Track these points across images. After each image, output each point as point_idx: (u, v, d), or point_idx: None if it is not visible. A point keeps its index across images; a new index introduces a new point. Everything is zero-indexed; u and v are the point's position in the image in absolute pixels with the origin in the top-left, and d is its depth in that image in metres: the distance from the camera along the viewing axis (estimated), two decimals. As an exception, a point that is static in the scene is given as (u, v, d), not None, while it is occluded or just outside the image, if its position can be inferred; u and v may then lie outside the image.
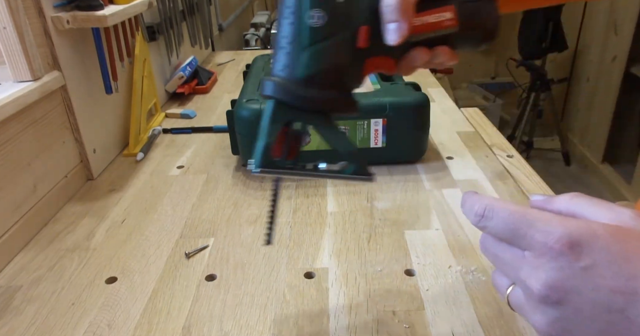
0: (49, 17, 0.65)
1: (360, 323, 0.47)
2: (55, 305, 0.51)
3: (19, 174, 0.61)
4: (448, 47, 0.39)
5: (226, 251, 0.58)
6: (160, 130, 0.93)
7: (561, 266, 0.25)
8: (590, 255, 0.24)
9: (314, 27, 0.36)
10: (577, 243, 0.25)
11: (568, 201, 0.29)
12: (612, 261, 0.24)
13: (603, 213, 0.27)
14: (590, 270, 0.24)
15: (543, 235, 0.26)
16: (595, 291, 0.24)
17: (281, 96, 0.37)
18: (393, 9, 0.35)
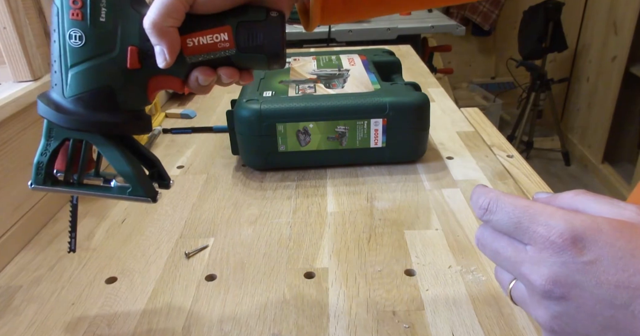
0: (49, 17, 0.65)
1: (360, 323, 0.47)
2: (55, 305, 0.51)
3: (19, 174, 0.61)
4: (234, 68, 0.38)
5: (226, 251, 0.58)
6: (160, 130, 0.93)
7: (564, 261, 0.25)
8: (593, 250, 0.24)
9: (73, 48, 0.36)
10: (580, 237, 0.24)
11: (572, 197, 0.28)
12: (617, 256, 0.24)
13: (606, 209, 0.27)
14: (593, 265, 0.24)
15: (546, 229, 0.25)
16: (598, 286, 0.24)
17: (48, 116, 0.38)
18: (150, 31, 0.34)
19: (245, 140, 0.74)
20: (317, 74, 0.86)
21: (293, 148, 0.74)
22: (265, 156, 0.75)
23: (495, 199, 0.28)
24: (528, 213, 0.26)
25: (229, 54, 0.37)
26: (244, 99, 0.74)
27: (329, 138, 0.74)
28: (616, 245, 0.24)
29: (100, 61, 0.36)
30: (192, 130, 0.94)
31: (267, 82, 0.83)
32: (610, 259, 0.24)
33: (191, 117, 1.01)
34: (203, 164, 0.81)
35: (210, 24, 0.36)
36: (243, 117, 0.72)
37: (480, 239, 0.30)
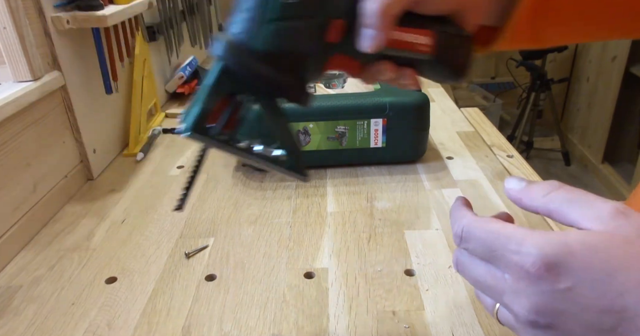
0: (49, 17, 0.65)
1: (360, 323, 0.47)
2: (55, 305, 0.51)
3: (19, 174, 0.61)
4: (415, 72, 0.37)
5: (226, 251, 0.58)
6: (160, 130, 0.93)
7: (542, 291, 0.24)
8: (569, 276, 0.23)
9: (286, 2, 0.33)
10: (553, 264, 0.24)
11: (544, 198, 0.28)
12: (594, 279, 0.23)
13: (582, 212, 0.26)
14: (572, 291, 0.23)
15: (519, 258, 0.25)
16: (583, 311, 0.23)
17: (233, 62, 0.33)
18: (373, 14, 0.33)
19: (245, 140, 0.74)
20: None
21: (293, 148, 0.74)
22: (265, 156, 0.75)
23: (467, 227, 0.28)
24: (500, 241, 0.26)
25: (422, 58, 0.37)
26: (244, 99, 0.74)
27: (329, 138, 0.74)
28: (591, 268, 0.23)
29: (305, 23, 0.34)
30: (192, 130, 0.93)
31: (267, 82, 0.83)
32: (588, 284, 0.23)
33: (191, 117, 1.00)
34: (203, 164, 0.81)
35: (417, 24, 0.36)
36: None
37: (458, 265, 0.29)
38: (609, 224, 0.24)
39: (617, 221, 0.24)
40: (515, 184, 0.29)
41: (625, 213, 0.24)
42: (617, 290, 0.23)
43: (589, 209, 0.25)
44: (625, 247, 0.23)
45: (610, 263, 0.23)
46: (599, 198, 0.26)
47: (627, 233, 0.24)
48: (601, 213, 0.25)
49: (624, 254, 0.23)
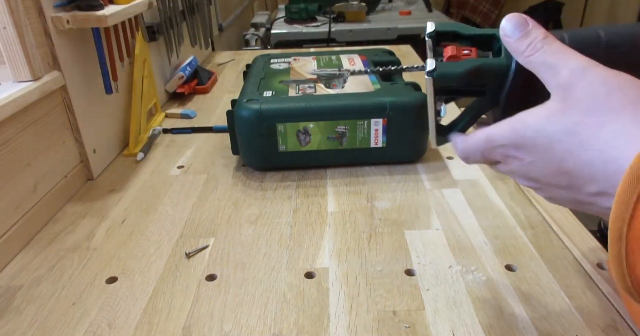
0: (49, 17, 0.65)
1: (360, 323, 0.47)
2: (55, 305, 0.51)
3: (19, 174, 0.61)
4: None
5: (226, 251, 0.58)
6: (160, 130, 0.93)
7: (518, 167, 0.34)
8: (528, 154, 0.32)
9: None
10: (517, 146, 0.32)
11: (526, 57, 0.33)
12: (544, 152, 0.31)
13: (549, 76, 0.31)
14: (534, 163, 0.32)
15: (497, 152, 0.34)
16: (546, 176, 0.32)
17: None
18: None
19: (246, 140, 0.74)
20: (317, 74, 0.85)
21: (293, 148, 0.74)
22: (265, 156, 0.75)
23: (464, 150, 0.37)
24: (485, 146, 0.35)
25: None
26: (244, 99, 0.74)
27: (329, 138, 0.74)
28: (538, 145, 0.31)
29: None
30: (192, 130, 0.94)
31: (267, 82, 0.83)
32: (541, 156, 0.32)
33: (191, 117, 1.01)
34: (203, 164, 0.81)
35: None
36: (243, 117, 0.72)
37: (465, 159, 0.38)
38: (559, 93, 0.31)
39: (568, 91, 0.30)
40: (510, 32, 0.34)
41: (577, 78, 0.30)
42: (558, 157, 0.30)
43: (554, 75, 0.31)
44: (560, 120, 0.30)
45: (547, 137, 0.30)
46: (566, 57, 0.31)
47: (568, 103, 0.30)
48: (559, 80, 0.31)
49: (558, 127, 0.30)
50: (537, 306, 0.48)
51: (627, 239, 0.26)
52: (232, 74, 1.31)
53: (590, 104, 0.29)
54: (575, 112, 0.29)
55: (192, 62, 1.17)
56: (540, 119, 0.31)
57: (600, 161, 0.28)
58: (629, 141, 0.27)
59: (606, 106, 0.29)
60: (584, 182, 0.30)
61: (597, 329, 0.45)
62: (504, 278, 0.52)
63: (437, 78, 0.37)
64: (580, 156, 0.29)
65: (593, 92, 0.29)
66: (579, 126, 0.29)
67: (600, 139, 0.28)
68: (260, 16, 2.57)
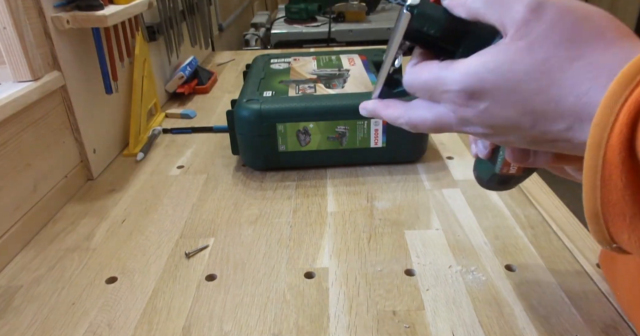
0: (49, 17, 0.65)
1: (360, 323, 0.47)
2: (55, 305, 0.51)
3: (19, 174, 0.61)
4: None
5: (226, 251, 0.58)
6: (160, 130, 0.93)
7: (471, 114, 0.31)
8: (484, 99, 0.29)
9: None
10: (471, 93, 0.29)
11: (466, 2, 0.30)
12: (504, 95, 0.29)
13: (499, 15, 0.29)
14: (490, 108, 0.30)
15: (448, 96, 0.31)
16: (506, 120, 0.30)
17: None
18: None
19: (245, 140, 0.74)
20: (317, 74, 0.86)
21: (293, 148, 0.74)
22: (265, 156, 0.75)
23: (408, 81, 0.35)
24: (433, 85, 0.32)
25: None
26: (244, 99, 0.74)
27: (329, 138, 0.74)
28: (499, 88, 0.28)
29: None
30: (192, 130, 0.94)
31: (267, 82, 0.83)
32: (501, 99, 0.29)
33: (191, 117, 1.01)
34: (203, 164, 0.81)
35: None
36: (243, 117, 0.72)
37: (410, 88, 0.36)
38: (520, 29, 0.28)
39: (528, 25, 0.27)
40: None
41: (536, 12, 0.27)
42: (523, 98, 0.28)
43: (505, 12, 0.28)
44: (527, 58, 0.27)
45: (513, 79, 0.28)
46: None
47: (532, 39, 0.27)
48: (515, 15, 0.28)
49: (525, 67, 0.27)
50: (537, 306, 0.48)
51: (606, 147, 0.25)
52: (232, 74, 1.31)
53: (559, 38, 0.27)
54: (543, 48, 0.27)
55: (192, 62, 1.17)
56: (505, 60, 0.28)
57: (572, 96, 0.27)
58: (601, 72, 0.26)
59: (576, 38, 0.27)
60: (552, 119, 0.28)
61: (597, 329, 0.45)
62: (504, 278, 0.52)
63: (417, 17, 0.31)
64: (549, 93, 0.27)
65: (559, 25, 0.27)
66: (550, 62, 0.27)
67: (572, 74, 0.27)
68: (260, 16, 2.57)
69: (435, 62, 0.32)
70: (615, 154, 0.24)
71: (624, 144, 0.24)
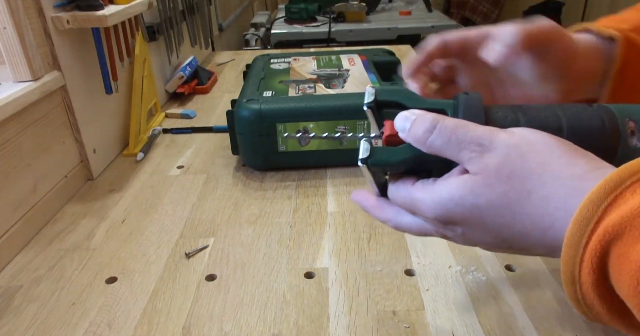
0: (49, 17, 0.65)
1: (360, 323, 0.47)
2: (55, 305, 0.51)
3: (19, 174, 0.61)
4: None
5: (226, 251, 0.58)
6: (160, 130, 0.93)
7: (450, 234, 0.33)
8: (458, 225, 0.31)
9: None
10: (444, 220, 0.31)
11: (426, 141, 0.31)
12: (475, 225, 0.30)
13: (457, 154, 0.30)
14: (467, 234, 0.31)
15: (425, 218, 0.33)
16: (483, 243, 0.32)
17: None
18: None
19: (245, 140, 0.74)
20: (317, 74, 0.86)
21: (293, 148, 0.74)
22: (265, 156, 0.75)
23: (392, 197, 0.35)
24: (412, 205, 0.33)
25: None
26: (244, 99, 0.74)
27: (329, 138, 0.74)
28: (468, 218, 0.30)
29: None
30: (192, 130, 0.94)
31: (267, 82, 0.83)
32: (473, 228, 0.31)
33: (191, 117, 1.01)
34: (203, 164, 0.81)
35: None
36: (243, 117, 0.72)
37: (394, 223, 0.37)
38: (475, 165, 0.29)
39: (481, 161, 0.29)
40: (400, 128, 0.33)
41: (487, 149, 0.29)
42: (492, 231, 0.30)
43: (461, 152, 0.30)
44: (486, 193, 0.29)
45: (479, 212, 0.29)
46: (467, 131, 0.30)
47: (488, 173, 0.29)
48: (469, 155, 0.30)
49: (486, 201, 0.29)
50: (537, 306, 0.48)
51: (580, 283, 0.26)
52: (232, 74, 1.31)
53: (509, 173, 0.28)
54: (497, 183, 0.28)
55: (192, 62, 1.17)
56: (468, 193, 0.29)
57: (537, 231, 0.28)
58: (558, 206, 0.27)
59: (525, 171, 0.28)
60: (527, 247, 0.30)
61: (597, 329, 0.45)
62: (504, 278, 0.52)
63: (372, 165, 0.33)
64: (514, 228, 0.28)
65: (508, 159, 0.28)
66: (506, 197, 0.28)
67: (530, 209, 0.28)
68: (260, 16, 2.57)
69: (409, 182, 0.33)
70: (590, 291, 0.25)
71: (595, 283, 0.25)
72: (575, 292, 0.26)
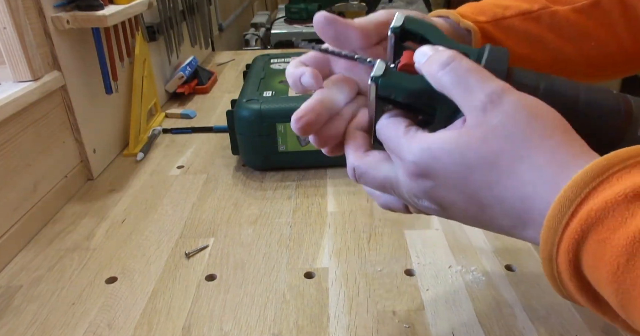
0: (49, 17, 0.65)
1: (360, 323, 0.47)
2: (55, 305, 0.51)
3: (19, 174, 0.61)
4: None
5: (226, 251, 0.58)
6: (160, 130, 0.93)
7: (422, 187, 0.31)
8: (432, 178, 0.29)
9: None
10: (422, 171, 0.29)
11: (437, 73, 0.30)
12: (452, 180, 0.29)
13: (462, 98, 0.29)
14: (437, 189, 0.30)
15: (404, 163, 0.31)
16: (452, 204, 0.30)
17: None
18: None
19: (245, 140, 0.74)
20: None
21: (293, 148, 0.74)
22: (265, 156, 0.75)
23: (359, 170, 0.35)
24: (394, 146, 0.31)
25: None
26: (244, 99, 0.74)
27: (329, 138, 0.74)
28: (449, 171, 0.29)
29: None
30: (192, 130, 0.94)
31: (267, 82, 0.83)
32: (449, 183, 0.29)
33: (191, 117, 1.01)
34: (203, 164, 0.81)
35: None
36: (243, 117, 0.72)
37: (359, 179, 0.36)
38: (478, 116, 0.28)
39: (485, 115, 0.27)
40: (419, 56, 0.31)
41: (495, 102, 0.27)
42: (471, 188, 0.28)
43: (468, 96, 0.28)
44: (480, 148, 0.27)
45: (466, 167, 0.28)
46: (482, 79, 0.28)
47: (487, 129, 0.27)
48: (475, 102, 0.28)
49: (477, 156, 0.27)
50: (537, 306, 0.48)
51: (557, 262, 0.25)
52: (232, 74, 1.31)
53: (510, 132, 0.27)
54: (494, 140, 0.27)
55: (192, 62, 1.17)
56: (460, 144, 0.28)
57: (514, 199, 0.27)
58: (546, 179, 0.26)
59: (526, 135, 0.27)
60: (496, 216, 0.29)
61: (597, 329, 0.45)
62: (504, 278, 0.52)
63: (382, 87, 0.31)
64: (494, 191, 0.28)
65: (513, 119, 0.27)
66: (499, 156, 0.27)
67: (517, 174, 0.27)
68: (260, 16, 2.57)
69: (402, 125, 0.32)
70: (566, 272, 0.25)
71: (570, 265, 0.24)
72: (552, 270, 0.26)
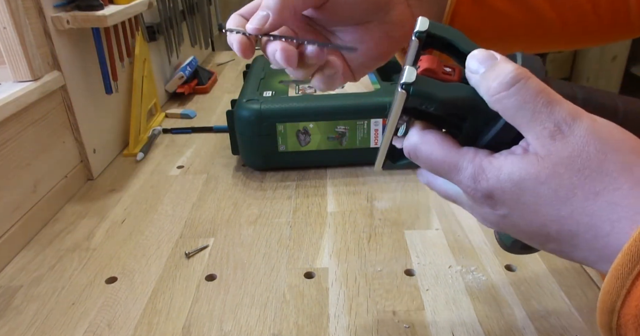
0: (49, 17, 0.65)
1: (360, 323, 0.47)
2: (55, 305, 0.51)
3: (19, 174, 0.61)
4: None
5: (226, 251, 0.58)
6: (160, 130, 0.93)
7: (486, 212, 0.29)
8: (503, 206, 0.28)
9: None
10: (489, 194, 0.28)
11: (494, 96, 0.27)
12: (522, 212, 0.27)
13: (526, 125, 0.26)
14: (508, 217, 0.28)
15: (463, 186, 0.29)
16: (519, 232, 0.29)
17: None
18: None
19: (245, 140, 0.74)
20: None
21: (293, 148, 0.74)
22: (265, 156, 0.75)
23: (414, 149, 0.30)
24: (443, 168, 0.29)
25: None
26: (244, 99, 0.74)
27: (329, 138, 0.74)
28: (520, 203, 0.27)
29: None
30: (192, 130, 0.94)
31: (267, 82, 0.83)
32: (518, 214, 0.27)
33: (191, 117, 1.01)
34: (203, 164, 0.81)
35: None
36: (243, 117, 0.72)
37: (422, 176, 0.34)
38: (544, 146, 0.26)
39: (554, 144, 0.25)
40: (474, 67, 0.28)
41: (565, 133, 0.25)
42: (540, 222, 0.27)
43: (533, 123, 0.26)
44: (551, 182, 0.26)
45: (535, 199, 0.26)
46: (550, 102, 0.26)
47: (557, 161, 0.25)
48: (543, 131, 0.26)
49: (547, 190, 0.26)
50: (537, 306, 0.48)
51: (620, 314, 0.24)
52: (232, 74, 1.31)
53: (583, 166, 0.25)
54: (566, 174, 0.25)
55: (192, 62, 1.17)
56: (529, 176, 0.26)
57: (589, 235, 0.25)
58: (624, 215, 0.24)
59: (601, 169, 0.25)
60: (565, 247, 0.27)
61: (597, 329, 0.45)
62: (504, 278, 0.52)
63: (414, 96, 0.28)
64: (566, 226, 0.26)
65: (587, 152, 0.25)
66: (571, 192, 0.25)
67: (593, 210, 0.25)
68: (260, 16, 2.57)
69: (447, 142, 0.29)
70: (630, 326, 0.23)
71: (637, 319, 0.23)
72: (610, 322, 0.24)
